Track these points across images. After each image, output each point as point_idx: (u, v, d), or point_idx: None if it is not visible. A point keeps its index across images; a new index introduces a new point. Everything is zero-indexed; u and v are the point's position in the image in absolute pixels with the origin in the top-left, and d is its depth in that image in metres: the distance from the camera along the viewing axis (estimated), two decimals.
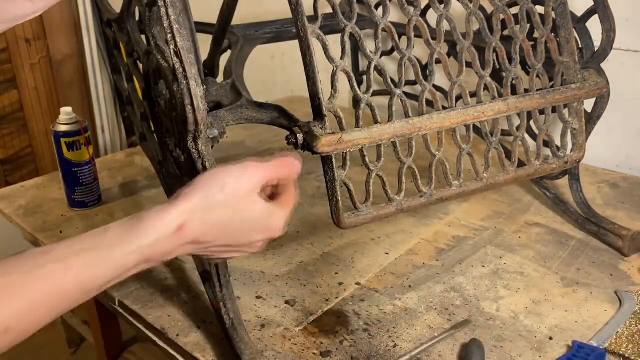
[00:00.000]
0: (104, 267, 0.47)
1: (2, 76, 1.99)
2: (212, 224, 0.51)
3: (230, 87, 0.71)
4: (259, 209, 0.53)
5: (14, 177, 2.08)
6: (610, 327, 0.72)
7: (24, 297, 0.43)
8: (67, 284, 0.45)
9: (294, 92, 1.76)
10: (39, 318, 0.45)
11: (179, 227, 0.49)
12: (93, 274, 0.46)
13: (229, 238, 0.53)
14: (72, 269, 0.45)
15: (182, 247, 0.50)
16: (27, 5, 0.65)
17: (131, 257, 0.47)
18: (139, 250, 0.48)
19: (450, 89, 0.70)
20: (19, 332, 0.44)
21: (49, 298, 0.44)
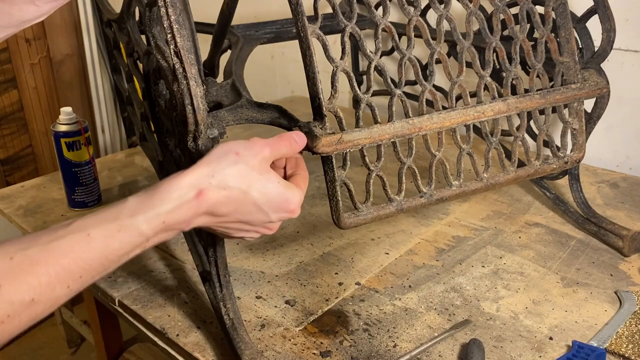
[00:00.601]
0: (125, 236, 0.46)
1: (2, 76, 1.99)
2: (229, 192, 0.50)
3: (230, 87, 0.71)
4: (277, 183, 0.53)
5: (14, 177, 2.09)
6: (610, 327, 0.72)
7: (46, 269, 0.43)
8: (89, 253, 0.45)
9: (294, 92, 1.76)
10: (63, 290, 0.44)
11: (198, 192, 0.49)
12: (114, 243, 0.46)
13: (245, 212, 0.52)
14: (94, 239, 0.45)
15: (199, 217, 0.50)
16: (32, 9, 0.65)
17: (151, 224, 0.47)
18: (159, 217, 0.47)
19: (450, 89, 0.70)
20: (45, 305, 0.43)
21: (71, 269, 0.44)
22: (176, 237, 0.93)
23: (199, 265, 0.76)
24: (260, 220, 0.54)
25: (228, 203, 0.51)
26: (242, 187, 0.51)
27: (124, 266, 0.85)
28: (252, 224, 0.54)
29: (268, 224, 0.55)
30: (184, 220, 0.49)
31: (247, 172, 0.51)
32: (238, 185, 0.50)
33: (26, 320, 0.43)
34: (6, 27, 0.67)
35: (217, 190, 0.49)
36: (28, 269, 0.42)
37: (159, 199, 0.48)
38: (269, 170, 0.53)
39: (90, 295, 1.01)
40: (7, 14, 0.65)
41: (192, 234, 0.79)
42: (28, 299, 0.42)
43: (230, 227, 0.54)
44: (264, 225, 0.55)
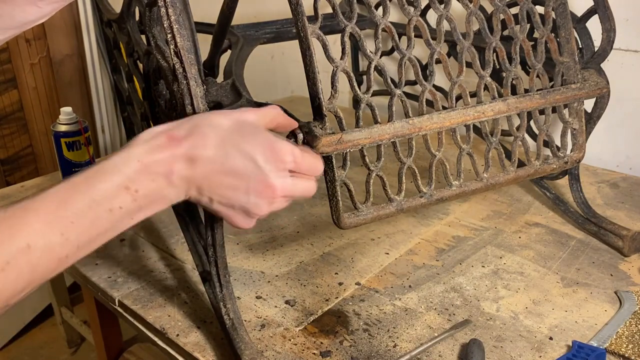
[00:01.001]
0: (106, 175, 0.47)
1: (2, 76, 1.99)
2: (203, 135, 0.49)
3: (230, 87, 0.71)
4: (261, 131, 0.51)
5: (14, 177, 2.08)
6: (610, 327, 0.72)
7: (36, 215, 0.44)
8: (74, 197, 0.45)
9: (294, 92, 1.76)
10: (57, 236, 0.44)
11: (168, 135, 0.49)
12: (97, 185, 0.46)
13: (230, 160, 0.49)
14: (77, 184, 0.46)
15: (179, 164, 0.48)
16: (34, 10, 0.65)
17: (129, 163, 0.47)
18: (135, 157, 0.48)
19: (450, 89, 0.70)
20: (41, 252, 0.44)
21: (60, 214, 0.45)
22: (176, 238, 0.93)
23: (199, 265, 0.76)
24: (250, 170, 0.50)
25: (205, 146, 0.49)
26: (217, 131, 0.49)
27: (124, 266, 0.85)
28: (244, 177, 0.50)
29: (265, 179, 0.51)
30: (160, 160, 0.48)
31: (223, 119, 0.50)
32: (213, 129, 0.49)
33: (26, 269, 0.43)
34: (8, 29, 0.67)
35: (188, 133, 0.49)
36: (20, 216, 0.43)
37: (131, 145, 0.49)
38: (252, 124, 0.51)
39: (90, 295, 1.01)
40: (9, 16, 0.65)
41: (192, 234, 0.79)
42: (23, 244, 0.43)
43: (222, 185, 0.50)
44: (260, 180, 0.50)
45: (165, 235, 0.94)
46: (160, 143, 0.49)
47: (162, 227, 0.97)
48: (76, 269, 0.86)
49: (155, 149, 0.48)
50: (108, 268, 0.85)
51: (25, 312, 1.96)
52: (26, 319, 1.96)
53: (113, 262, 0.87)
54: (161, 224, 0.98)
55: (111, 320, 1.08)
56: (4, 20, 0.65)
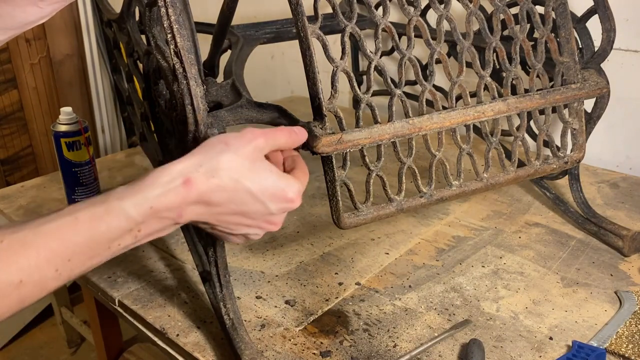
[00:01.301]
0: (112, 219, 0.46)
1: (2, 76, 1.99)
2: (218, 179, 0.49)
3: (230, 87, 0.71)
4: (270, 172, 0.52)
5: (14, 177, 2.09)
6: (610, 327, 0.72)
7: (35, 251, 0.43)
8: (76, 236, 0.45)
9: (294, 92, 1.76)
10: (51, 272, 0.44)
11: (185, 180, 0.48)
12: (101, 226, 0.46)
13: (241, 204, 0.51)
14: (81, 222, 0.45)
15: (191, 207, 0.49)
16: (35, 10, 0.65)
17: (138, 208, 0.47)
18: (146, 202, 0.47)
19: (450, 89, 0.70)
20: (33, 288, 0.44)
21: (59, 252, 0.44)
22: (176, 238, 0.93)
23: (199, 265, 0.76)
24: (259, 212, 0.52)
25: (219, 191, 0.49)
26: (232, 175, 0.50)
27: (124, 266, 0.85)
28: (251, 217, 0.53)
29: (269, 217, 0.54)
30: (172, 206, 0.48)
31: (237, 160, 0.50)
32: (228, 172, 0.50)
33: (15, 303, 0.43)
34: (9, 29, 0.66)
35: (205, 178, 0.49)
36: (17, 250, 0.43)
37: (146, 185, 0.48)
38: (261, 159, 0.52)
39: (90, 295, 1.01)
40: (10, 16, 0.64)
41: (192, 233, 0.79)
42: (16, 280, 0.42)
43: (229, 222, 0.52)
44: (265, 219, 0.54)
45: (165, 235, 0.94)
46: (175, 185, 0.48)
47: None
48: None
49: (169, 193, 0.48)
50: (108, 268, 0.85)
51: (25, 312, 1.96)
52: (26, 319, 1.96)
53: (113, 262, 0.87)
54: None
55: (111, 320, 1.08)
56: (5, 21, 0.65)
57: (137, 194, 0.47)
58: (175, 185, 0.48)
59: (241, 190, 0.50)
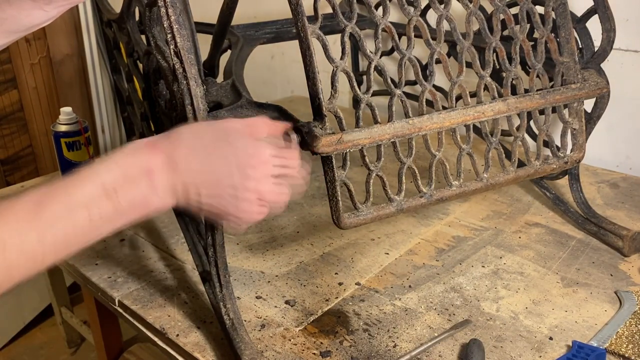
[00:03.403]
0: (86, 184, 0.47)
1: (2, 76, 1.99)
2: (182, 140, 0.50)
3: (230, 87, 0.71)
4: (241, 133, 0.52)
5: (14, 177, 2.08)
6: (610, 327, 0.72)
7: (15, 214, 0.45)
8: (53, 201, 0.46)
9: (294, 92, 1.76)
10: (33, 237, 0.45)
11: (148, 143, 0.50)
12: (76, 192, 0.47)
13: (211, 160, 0.50)
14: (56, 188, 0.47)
15: (160, 169, 0.49)
16: (40, 13, 0.64)
17: (109, 171, 0.48)
18: (114, 163, 0.48)
19: (450, 89, 0.70)
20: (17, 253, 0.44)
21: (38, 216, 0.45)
22: (176, 238, 0.93)
23: (199, 265, 0.76)
24: (234, 174, 0.50)
25: (184, 147, 0.50)
26: (198, 135, 0.50)
27: (124, 266, 0.85)
28: (227, 176, 0.50)
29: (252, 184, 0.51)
30: (139, 164, 0.48)
31: (204, 126, 0.51)
32: (193, 133, 0.50)
33: (2, 266, 0.44)
34: (14, 32, 0.66)
35: (169, 141, 0.50)
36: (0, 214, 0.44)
37: (115, 152, 0.49)
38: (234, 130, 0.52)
39: (90, 295, 1.01)
40: (14, 19, 0.64)
41: (192, 234, 0.79)
42: (0, 241, 0.43)
43: (208, 185, 0.50)
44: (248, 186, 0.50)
45: (165, 235, 0.94)
46: (139, 147, 0.50)
47: (162, 227, 0.97)
48: (76, 269, 0.86)
49: (135, 154, 0.49)
50: (108, 268, 0.85)
51: (25, 312, 1.96)
52: (26, 319, 1.96)
53: (113, 262, 0.87)
54: (161, 224, 0.98)
55: (111, 320, 1.08)
56: (9, 24, 0.65)
57: (105, 160, 0.49)
58: (140, 147, 0.50)
59: (208, 145, 0.50)
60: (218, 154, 0.51)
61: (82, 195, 0.47)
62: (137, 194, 0.49)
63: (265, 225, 0.97)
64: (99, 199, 0.47)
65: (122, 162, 0.49)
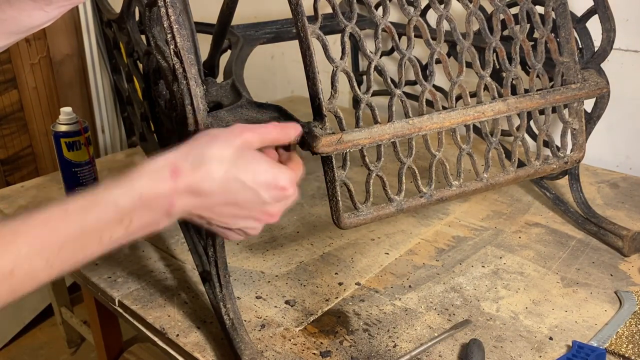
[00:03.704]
0: (101, 210, 0.46)
1: (2, 76, 1.99)
2: (207, 168, 0.49)
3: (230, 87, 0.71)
4: (260, 160, 0.51)
5: (14, 177, 2.08)
6: (610, 327, 0.72)
7: (26, 239, 0.43)
8: (66, 226, 0.45)
9: (294, 92, 1.76)
10: (42, 263, 0.44)
11: (173, 169, 0.48)
12: (90, 216, 0.46)
13: (232, 193, 0.50)
14: (70, 212, 0.45)
15: (182, 196, 0.48)
16: (41, 14, 0.64)
17: (128, 198, 0.47)
18: (135, 190, 0.47)
19: (450, 89, 0.70)
20: (24, 278, 0.44)
21: (49, 241, 0.44)
22: (176, 238, 0.93)
23: (199, 265, 0.76)
24: (252, 201, 0.51)
25: (209, 180, 0.49)
26: (221, 163, 0.49)
27: (124, 266, 0.85)
28: (245, 207, 0.51)
29: (264, 207, 0.52)
30: (162, 195, 0.48)
31: (226, 149, 0.50)
32: (217, 161, 0.49)
33: (6, 293, 0.43)
34: (14, 34, 0.66)
35: (193, 168, 0.48)
36: (8, 239, 0.43)
37: (135, 175, 0.48)
38: (254, 152, 0.51)
39: (90, 295, 1.01)
40: (15, 20, 0.64)
41: (192, 234, 0.79)
42: (7, 269, 0.42)
43: (224, 214, 0.51)
44: (260, 209, 0.52)
45: (165, 235, 0.94)
46: (164, 174, 0.48)
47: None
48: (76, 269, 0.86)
49: (157, 181, 0.48)
50: (108, 268, 0.85)
51: (25, 312, 1.96)
52: (26, 319, 1.96)
53: (113, 262, 0.87)
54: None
55: (111, 320, 1.08)
56: (10, 25, 0.65)
57: (126, 184, 0.47)
58: (164, 173, 0.48)
59: (231, 179, 0.50)
60: (241, 204, 0.51)
61: (97, 222, 0.46)
62: (151, 222, 0.49)
63: (265, 225, 0.97)
64: (113, 224, 0.47)
65: (141, 188, 0.47)
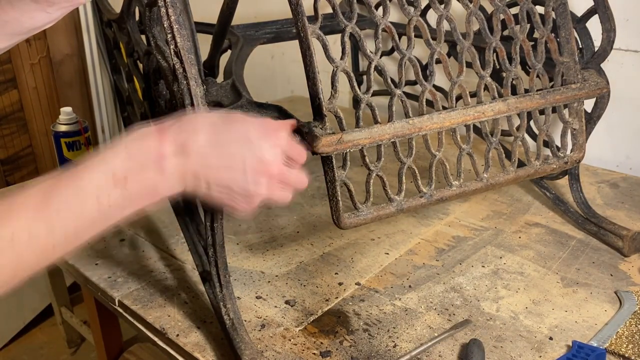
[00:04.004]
0: (94, 170, 0.47)
1: (2, 76, 1.99)
2: (194, 129, 0.49)
3: (230, 87, 0.71)
4: (255, 120, 0.51)
5: (14, 177, 2.08)
6: (610, 327, 0.72)
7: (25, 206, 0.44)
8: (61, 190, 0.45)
9: (294, 92, 1.76)
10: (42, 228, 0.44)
11: (158, 129, 0.48)
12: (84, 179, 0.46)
13: (226, 154, 0.49)
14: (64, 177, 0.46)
15: (171, 154, 0.48)
16: (43, 16, 0.64)
17: (116, 156, 0.47)
18: (123, 147, 0.47)
19: (450, 89, 0.70)
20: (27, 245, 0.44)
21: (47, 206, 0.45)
22: (176, 238, 0.93)
23: (199, 265, 0.76)
24: (246, 149, 0.50)
25: (197, 137, 0.49)
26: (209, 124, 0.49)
27: (124, 266, 0.85)
28: (240, 157, 0.50)
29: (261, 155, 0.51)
30: (148, 147, 0.48)
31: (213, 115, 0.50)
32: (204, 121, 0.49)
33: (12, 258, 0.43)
34: (16, 35, 0.66)
35: (179, 128, 0.49)
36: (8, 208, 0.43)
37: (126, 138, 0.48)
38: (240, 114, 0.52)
39: (90, 295, 1.01)
40: (17, 22, 0.64)
41: (192, 233, 0.79)
42: (8, 235, 0.43)
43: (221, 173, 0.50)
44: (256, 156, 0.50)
45: (165, 235, 0.94)
46: (148, 133, 0.49)
47: (162, 227, 0.97)
48: (76, 269, 0.86)
49: (144, 138, 0.48)
50: (108, 268, 0.85)
51: (25, 312, 1.96)
52: (26, 319, 1.96)
53: (113, 262, 0.87)
54: (161, 224, 0.98)
55: (111, 320, 1.08)
56: (12, 26, 0.65)
57: (114, 146, 0.48)
58: (149, 132, 0.48)
59: (220, 129, 0.50)
60: (234, 153, 0.50)
61: (91, 183, 0.46)
62: (146, 180, 0.48)
63: (265, 225, 0.97)
64: (107, 186, 0.46)
65: (131, 147, 0.48)
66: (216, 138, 0.49)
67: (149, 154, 0.48)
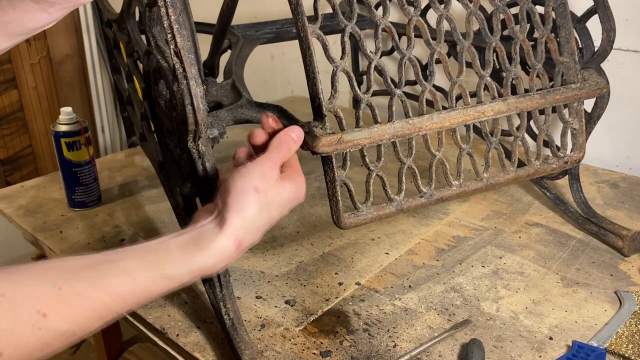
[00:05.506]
0: (167, 283, 0.49)
1: (2, 76, 1.99)
2: (258, 227, 0.54)
3: (230, 87, 0.71)
4: (287, 190, 0.56)
5: (14, 177, 2.09)
6: (610, 327, 0.72)
7: (92, 305, 0.45)
8: (131, 295, 0.47)
9: (294, 92, 1.76)
10: (99, 323, 0.46)
11: (237, 245, 0.52)
12: (156, 288, 0.49)
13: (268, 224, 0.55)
14: (139, 284, 0.47)
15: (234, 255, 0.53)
16: (44, 16, 0.64)
17: (192, 275, 0.50)
18: (201, 270, 0.51)
19: (450, 89, 0.70)
20: (81, 336, 0.45)
21: (113, 307, 0.46)
22: None
23: None
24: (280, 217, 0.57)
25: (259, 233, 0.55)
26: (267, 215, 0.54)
27: None
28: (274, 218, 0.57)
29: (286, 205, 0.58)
30: (222, 267, 0.52)
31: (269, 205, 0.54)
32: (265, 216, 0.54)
33: (59, 348, 0.44)
34: (17, 35, 0.66)
35: (251, 235, 0.53)
36: (75, 302, 0.44)
37: (203, 255, 0.50)
38: (280, 185, 0.55)
39: None
40: (18, 23, 0.64)
41: None
42: (70, 331, 0.44)
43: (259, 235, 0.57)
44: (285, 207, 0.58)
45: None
46: (230, 253, 0.51)
47: (162, 227, 0.97)
48: None
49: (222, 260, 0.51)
50: None
51: None
52: None
53: None
54: (161, 224, 0.98)
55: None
56: (13, 27, 0.65)
57: (193, 264, 0.50)
58: (230, 252, 0.51)
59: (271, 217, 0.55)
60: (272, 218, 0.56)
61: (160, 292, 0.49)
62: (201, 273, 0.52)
63: None
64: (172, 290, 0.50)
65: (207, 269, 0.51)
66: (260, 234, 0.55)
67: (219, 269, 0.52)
